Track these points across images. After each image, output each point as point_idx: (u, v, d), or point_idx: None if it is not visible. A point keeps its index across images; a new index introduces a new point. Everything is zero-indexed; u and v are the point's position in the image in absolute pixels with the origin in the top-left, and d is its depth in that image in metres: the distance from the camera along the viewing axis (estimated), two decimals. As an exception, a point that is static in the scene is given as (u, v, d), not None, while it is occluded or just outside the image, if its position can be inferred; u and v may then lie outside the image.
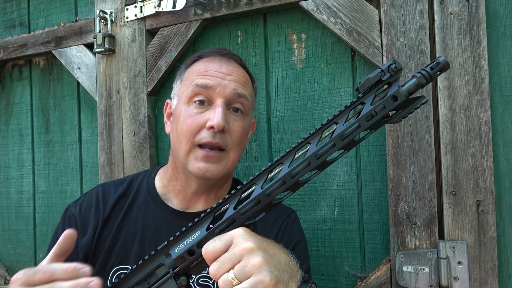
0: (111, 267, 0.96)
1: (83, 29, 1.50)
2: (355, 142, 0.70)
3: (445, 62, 0.67)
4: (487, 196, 1.00)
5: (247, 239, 0.65)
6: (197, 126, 0.92)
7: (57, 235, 1.00)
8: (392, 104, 0.67)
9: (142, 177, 1.07)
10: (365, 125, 0.68)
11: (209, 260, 0.66)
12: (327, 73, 1.23)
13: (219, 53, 0.99)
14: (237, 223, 0.69)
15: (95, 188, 1.06)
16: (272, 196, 0.69)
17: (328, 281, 1.21)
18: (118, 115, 1.42)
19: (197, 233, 0.71)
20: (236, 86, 0.94)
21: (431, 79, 0.68)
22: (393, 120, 0.69)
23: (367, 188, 1.18)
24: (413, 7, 1.08)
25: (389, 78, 0.68)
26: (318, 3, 1.17)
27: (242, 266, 0.62)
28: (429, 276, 1.04)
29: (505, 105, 1.05)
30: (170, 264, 0.72)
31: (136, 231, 0.98)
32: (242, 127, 0.96)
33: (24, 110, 1.70)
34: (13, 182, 1.72)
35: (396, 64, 0.68)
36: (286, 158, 0.71)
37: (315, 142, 0.70)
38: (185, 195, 1.00)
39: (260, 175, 0.71)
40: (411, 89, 0.68)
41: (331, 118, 0.70)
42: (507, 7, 1.05)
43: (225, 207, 0.71)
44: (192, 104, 0.94)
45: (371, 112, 0.68)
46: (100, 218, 0.99)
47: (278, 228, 1.01)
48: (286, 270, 0.67)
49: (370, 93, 0.70)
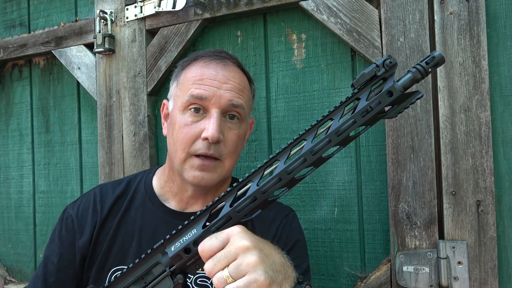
0: (109, 268, 0.96)
1: (83, 29, 1.50)
2: (350, 138, 0.69)
3: (440, 56, 0.67)
4: (487, 196, 1.00)
5: (243, 237, 0.65)
6: (192, 136, 0.91)
7: (54, 237, 1.00)
8: (387, 99, 0.67)
9: (140, 178, 1.07)
10: (360, 121, 0.68)
11: (205, 257, 0.66)
12: (327, 73, 1.23)
13: (216, 57, 0.97)
14: (233, 221, 0.69)
15: (93, 189, 1.06)
16: (268, 193, 0.69)
17: (328, 281, 1.21)
18: (118, 115, 1.42)
19: (193, 231, 0.71)
20: (231, 96, 0.92)
21: (426, 73, 0.68)
22: (389, 116, 0.69)
23: (367, 188, 1.18)
24: (413, 7, 1.08)
25: (384, 73, 0.67)
26: (318, 3, 1.17)
27: (237, 265, 0.62)
28: (429, 276, 1.04)
29: (505, 105, 1.05)
30: (166, 263, 0.72)
31: (134, 231, 0.98)
32: (238, 135, 0.95)
33: (24, 110, 1.70)
34: (13, 182, 1.72)
35: (391, 59, 0.67)
36: (282, 154, 0.70)
37: (310, 138, 0.69)
38: (182, 197, 1.00)
39: (256, 172, 0.71)
40: (406, 84, 0.67)
41: (327, 114, 0.70)
42: (507, 7, 1.05)
43: (221, 205, 0.71)
44: (187, 112, 0.93)
45: (366, 108, 0.68)
46: (97, 219, 0.99)
47: (276, 227, 1.01)
48: (281, 271, 0.67)
49: (365, 88, 0.69)
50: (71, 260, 0.97)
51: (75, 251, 0.97)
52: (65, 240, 0.98)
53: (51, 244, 1.00)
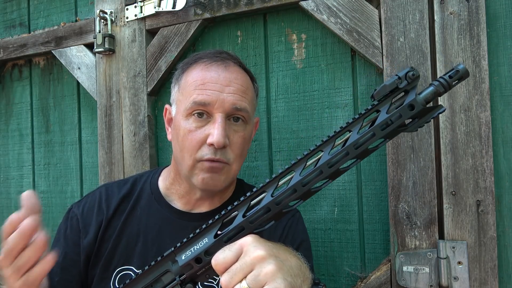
0: (114, 268, 0.96)
1: (83, 29, 1.50)
2: (369, 151, 0.67)
3: (464, 70, 0.65)
4: (487, 196, 1.00)
5: (257, 247, 0.63)
6: (198, 142, 0.90)
7: (59, 236, 1.00)
8: (408, 113, 0.65)
9: (146, 178, 1.07)
10: (380, 134, 0.66)
11: (220, 271, 0.64)
12: (327, 73, 1.23)
13: (216, 58, 0.96)
14: (246, 231, 0.67)
15: (98, 189, 1.06)
16: (282, 205, 0.67)
17: (328, 281, 1.21)
18: (118, 115, 1.42)
19: (204, 240, 0.69)
20: (235, 99, 0.91)
21: (449, 87, 0.65)
22: (409, 129, 0.67)
23: (367, 188, 1.18)
24: (413, 7, 1.08)
25: (406, 85, 0.65)
26: (318, 3, 1.17)
27: (255, 275, 0.61)
28: (429, 276, 1.04)
29: (505, 105, 1.05)
30: (176, 271, 0.70)
31: (139, 231, 0.98)
32: (243, 138, 0.95)
33: (24, 110, 1.70)
34: (13, 182, 1.72)
35: (414, 71, 0.65)
36: (297, 165, 0.68)
37: (327, 150, 0.67)
38: (189, 200, 1.00)
39: (270, 183, 0.69)
40: (429, 98, 0.65)
41: (345, 126, 0.68)
42: (507, 7, 1.05)
43: (233, 214, 0.69)
44: (191, 117, 0.92)
45: (386, 121, 0.66)
46: (103, 219, 0.98)
47: (283, 227, 1.01)
48: (299, 275, 0.66)
49: (386, 101, 0.67)
50: (75, 259, 0.97)
51: (79, 250, 0.97)
52: (70, 239, 0.98)
53: (56, 244, 0.99)
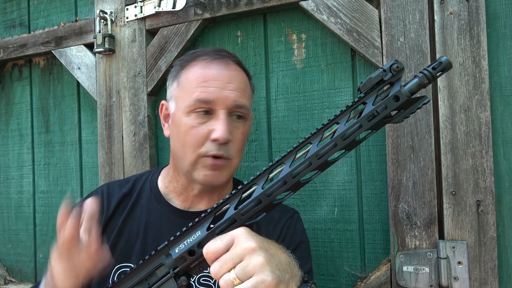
0: (113, 265, 0.97)
1: (83, 29, 1.50)
2: (356, 142, 0.69)
3: (447, 62, 0.67)
4: (487, 196, 1.00)
5: (248, 238, 0.64)
6: (202, 138, 0.91)
7: None
8: (394, 104, 0.67)
9: (146, 177, 1.09)
10: (366, 125, 0.68)
11: (210, 260, 0.66)
12: (327, 73, 1.23)
13: (216, 56, 0.97)
14: (238, 223, 0.69)
15: (100, 187, 1.08)
16: (273, 196, 0.69)
17: (328, 281, 1.21)
18: (118, 115, 1.42)
19: (197, 233, 0.71)
20: (236, 96, 0.93)
21: (433, 79, 0.68)
22: (395, 120, 0.69)
23: (367, 188, 1.18)
24: (413, 7, 1.08)
25: (391, 78, 0.68)
26: (318, 3, 1.17)
27: (244, 266, 0.62)
28: (429, 276, 1.04)
29: (505, 105, 1.05)
30: (170, 264, 0.72)
31: (139, 229, 1.00)
32: (243, 134, 0.97)
33: (24, 110, 1.70)
34: (13, 182, 1.72)
35: (398, 64, 0.67)
36: (287, 158, 0.70)
37: (316, 142, 0.69)
38: (187, 197, 1.01)
39: (261, 175, 0.71)
40: (413, 89, 0.68)
41: (333, 118, 0.70)
42: (507, 7, 1.05)
43: (225, 207, 0.71)
44: (193, 114, 0.93)
45: (372, 112, 0.68)
46: (103, 217, 1.00)
47: (281, 228, 1.01)
48: (287, 270, 0.67)
49: (372, 93, 0.69)
50: None
51: None
52: None
53: None
